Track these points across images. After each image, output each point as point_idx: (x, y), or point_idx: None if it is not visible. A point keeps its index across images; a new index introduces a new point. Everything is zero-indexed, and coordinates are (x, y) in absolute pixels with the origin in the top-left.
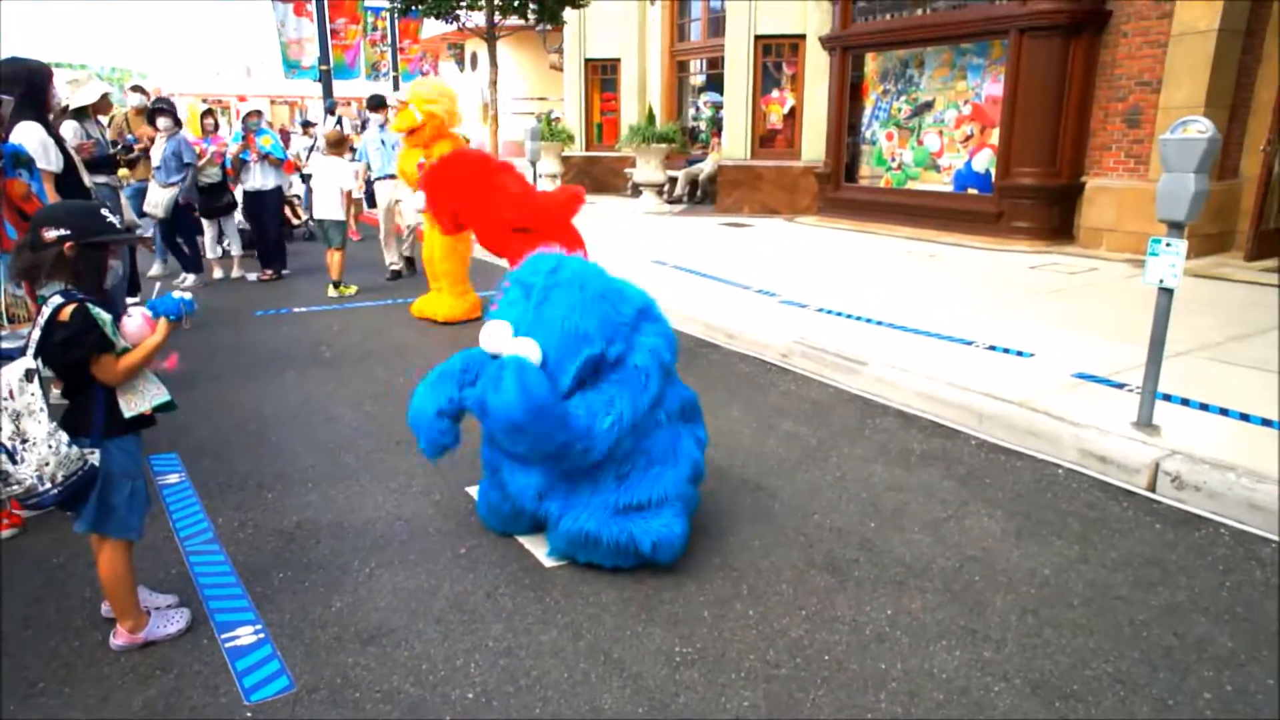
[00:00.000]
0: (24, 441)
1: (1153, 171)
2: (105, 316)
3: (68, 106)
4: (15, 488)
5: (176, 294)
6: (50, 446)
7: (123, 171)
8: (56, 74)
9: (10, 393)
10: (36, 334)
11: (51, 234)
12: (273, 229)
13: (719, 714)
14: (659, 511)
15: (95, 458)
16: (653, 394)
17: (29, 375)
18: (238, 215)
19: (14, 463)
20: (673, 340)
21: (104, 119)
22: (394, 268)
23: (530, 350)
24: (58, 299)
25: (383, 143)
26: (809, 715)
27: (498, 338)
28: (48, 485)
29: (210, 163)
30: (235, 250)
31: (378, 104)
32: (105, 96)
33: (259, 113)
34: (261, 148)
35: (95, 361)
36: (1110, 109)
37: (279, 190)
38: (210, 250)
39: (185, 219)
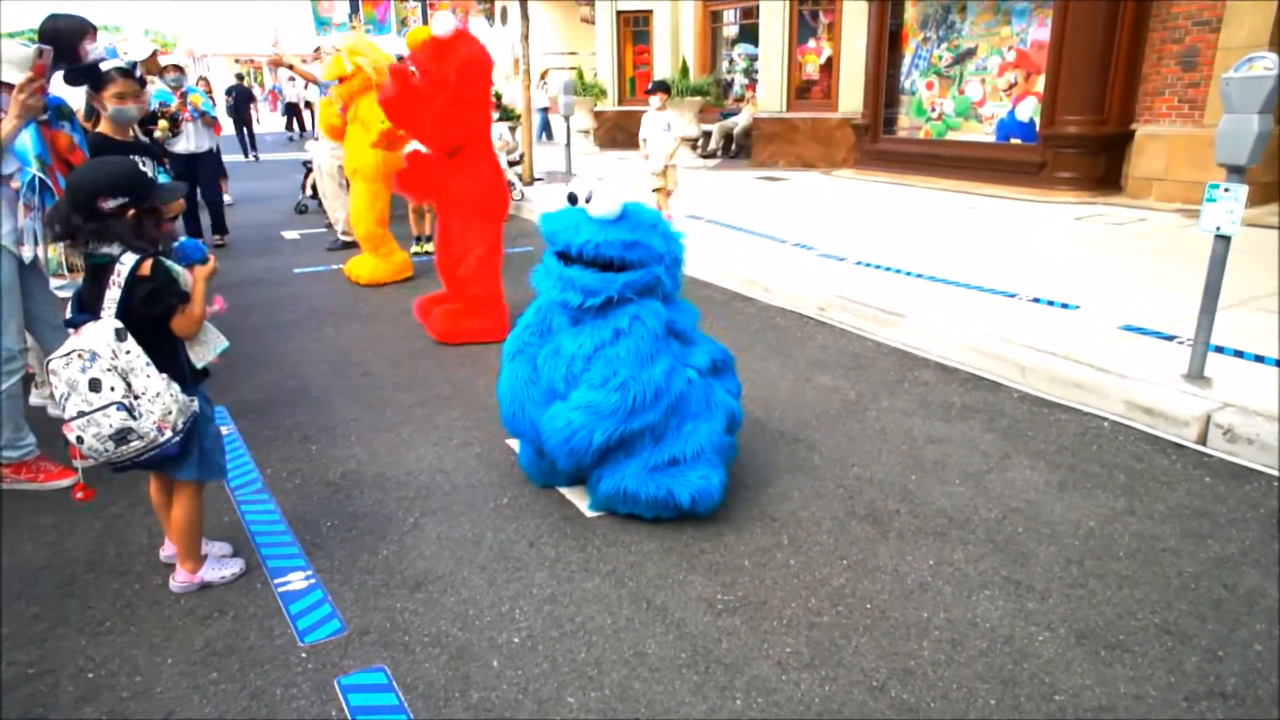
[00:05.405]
0: (137, 397)
1: (1208, 117)
2: (178, 269)
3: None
4: (137, 443)
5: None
6: (171, 395)
7: (162, 124)
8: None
9: (113, 353)
10: (116, 293)
11: (111, 204)
12: (209, 193)
13: (762, 659)
14: (695, 464)
15: (195, 404)
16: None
17: (119, 335)
18: None
19: (134, 418)
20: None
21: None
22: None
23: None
24: (131, 256)
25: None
26: (852, 662)
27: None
28: (169, 434)
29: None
30: None
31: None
32: (154, 54)
33: (179, 67)
34: (193, 106)
35: (180, 312)
36: (1164, 51)
37: (212, 152)
38: None
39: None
